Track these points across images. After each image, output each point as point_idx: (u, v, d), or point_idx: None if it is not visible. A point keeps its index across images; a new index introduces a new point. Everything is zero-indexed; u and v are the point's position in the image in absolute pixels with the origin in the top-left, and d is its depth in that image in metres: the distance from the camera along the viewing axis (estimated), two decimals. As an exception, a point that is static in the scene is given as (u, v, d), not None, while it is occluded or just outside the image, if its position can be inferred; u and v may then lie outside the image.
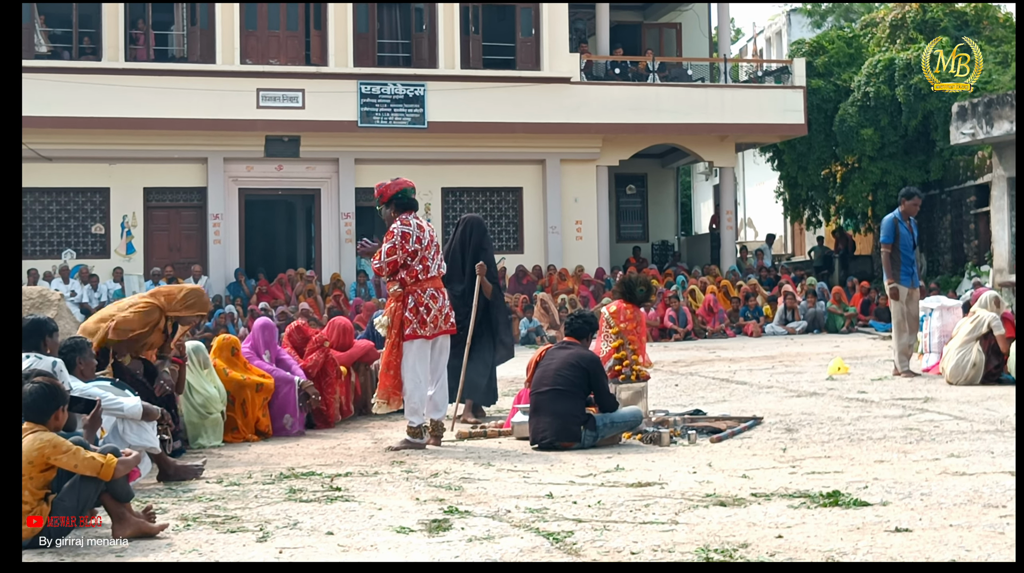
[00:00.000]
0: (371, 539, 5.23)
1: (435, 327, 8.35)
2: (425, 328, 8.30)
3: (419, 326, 8.29)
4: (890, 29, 29.87)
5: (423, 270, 8.35)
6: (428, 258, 8.36)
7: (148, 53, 24.51)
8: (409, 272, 8.34)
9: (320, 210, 25.33)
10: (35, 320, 6.79)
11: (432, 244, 8.46)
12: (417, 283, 8.34)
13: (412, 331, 8.29)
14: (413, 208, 8.56)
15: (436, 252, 8.49)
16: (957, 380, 11.22)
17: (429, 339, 8.36)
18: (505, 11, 26.53)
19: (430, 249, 8.40)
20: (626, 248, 29.64)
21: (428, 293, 8.34)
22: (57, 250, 23.99)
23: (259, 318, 10.52)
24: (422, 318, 8.29)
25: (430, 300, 8.33)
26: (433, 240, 8.51)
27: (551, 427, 8.01)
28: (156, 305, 7.90)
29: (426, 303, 8.32)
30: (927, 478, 6.34)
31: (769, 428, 8.69)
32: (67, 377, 6.51)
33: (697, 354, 17.72)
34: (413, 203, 8.58)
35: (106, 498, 5.38)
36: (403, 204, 8.49)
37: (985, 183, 24.96)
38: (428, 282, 8.36)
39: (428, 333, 8.32)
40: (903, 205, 12.59)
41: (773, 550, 4.78)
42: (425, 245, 8.36)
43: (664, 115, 26.06)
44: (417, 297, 8.31)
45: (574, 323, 8.63)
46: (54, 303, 9.59)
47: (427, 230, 8.48)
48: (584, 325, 8.62)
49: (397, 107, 24.50)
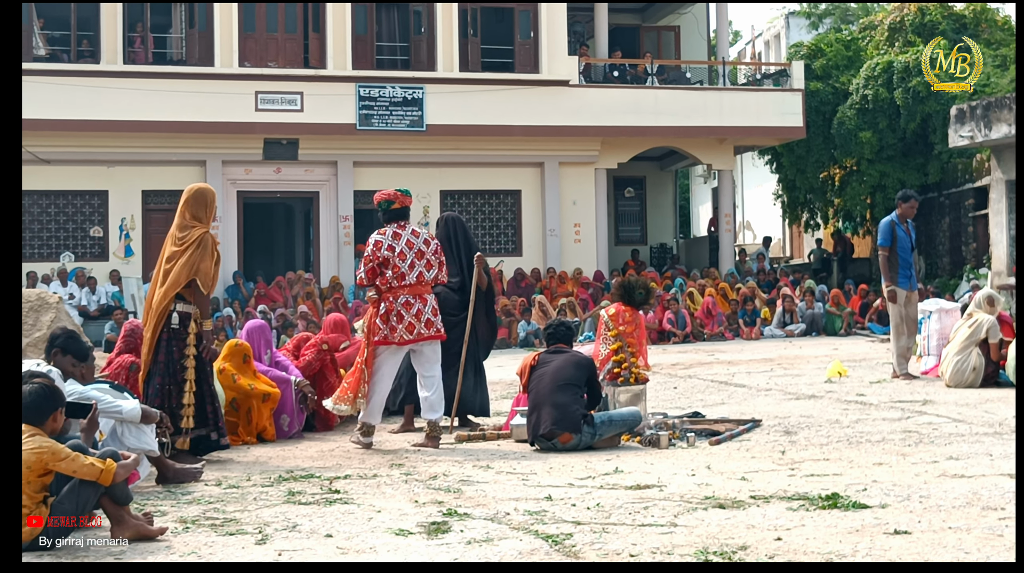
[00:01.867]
0: (370, 541, 5.23)
1: (410, 334, 8.44)
2: (394, 334, 8.42)
3: (389, 333, 8.42)
4: (888, 32, 29.93)
5: (396, 277, 8.45)
6: (402, 266, 8.44)
7: (146, 56, 24.53)
8: (381, 280, 8.48)
9: (319, 213, 25.34)
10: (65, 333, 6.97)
11: (412, 251, 8.51)
12: (390, 290, 8.45)
13: (382, 337, 8.44)
14: (401, 217, 8.65)
15: (418, 259, 8.53)
16: (957, 385, 11.23)
17: (399, 346, 8.48)
18: (504, 14, 26.55)
19: (405, 257, 8.47)
20: (624, 251, 29.66)
21: (401, 301, 8.43)
22: (55, 253, 23.99)
23: (251, 321, 10.47)
24: (392, 325, 8.42)
25: (402, 307, 8.43)
26: (414, 247, 8.53)
27: (550, 416, 8.02)
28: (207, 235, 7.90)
29: (397, 310, 8.43)
30: (926, 481, 6.34)
31: (768, 430, 8.70)
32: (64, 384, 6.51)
33: (695, 357, 17.73)
34: (398, 213, 8.66)
35: (105, 501, 5.37)
36: (389, 214, 8.63)
37: (983, 186, 24.98)
38: (403, 290, 8.45)
39: (396, 340, 8.43)
40: (900, 208, 12.60)
41: (772, 552, 4.78)
42: (398, 253, 8.45)
43: (663, 118, 26.09)
44: (389, 304, 8.44)
45: (558, 331, 8.70)
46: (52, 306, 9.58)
47: (405, 237, 8.52)
48: (567, 331, 8.74)
49: (396, 110, 24.52)
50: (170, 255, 7.85)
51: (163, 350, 7.71)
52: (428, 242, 8.66)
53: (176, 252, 7.83)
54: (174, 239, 7.92)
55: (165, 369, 7.72)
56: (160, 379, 7.70)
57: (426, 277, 8.59)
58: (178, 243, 7.88)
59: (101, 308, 22.60)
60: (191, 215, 8.02)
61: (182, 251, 7.82)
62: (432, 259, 8.63)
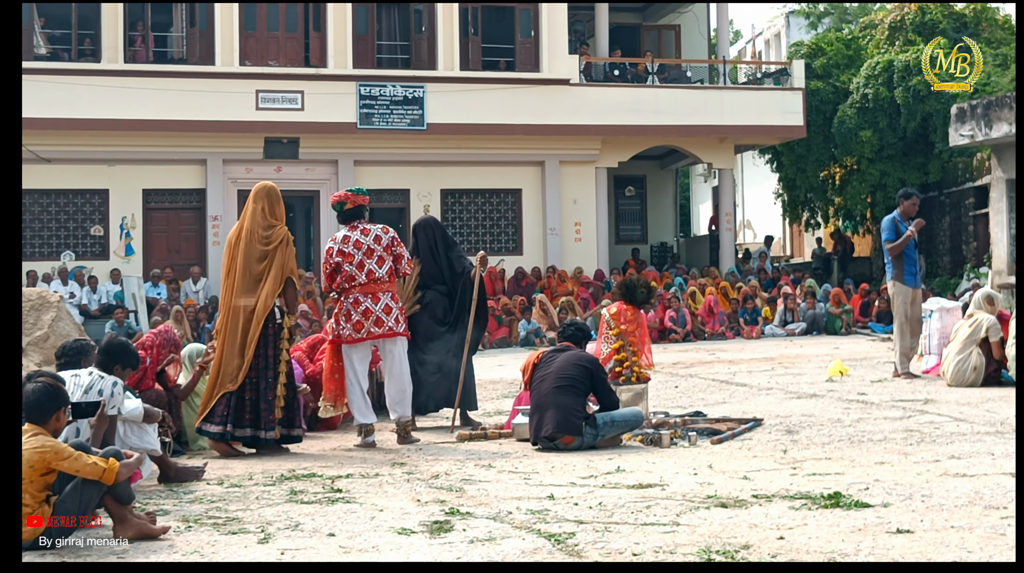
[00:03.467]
0: (372, 540, 5.23)
1: (357, 332, 8.61)
2: (344, 332, 8.64)
3: (341, 331, 8.66)
4: (889, 31, 29.92)
5: (346, 279, 8.67)
6: (350, 268, 8.63)
7: (147, 55, 24.53)
8: (335, 284, 8.77)
9: (319, 212, 25.34)
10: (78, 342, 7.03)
11: (361, 251, 8.64)
12: (344, 292, 8.70)
13: (335, 336, 8.74)
14: (355, 217, 8.82)
15: (367, 257, 8.64)
16: (958, 384, 11.22)
17: (353, 343, 8.64)
18: (504, 13, 26.54)
19: (353, 258, 8.62)
20: (625, 250, 29.65)
21: (350, 300, 8.64)
22: (56, 252, 23.98)
23: None
24: (342, 325, 8.65)
25: (351, 306, 8.63)
26: (362, 246, 8.65)
27: (552, 419, 8.02)
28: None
29: (347, 310, 8.63)
30: (928, 480, 6.34)
31: (769, 430, 8.69)
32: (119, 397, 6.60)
33: (697, 356, 17.73)
34: (351, 213, 8.83)
35: (108, 500, 5.38)
36: (343, 215, 8.85)
37: (984, 185, 24.99)
38: (353, 290, 8.64)
39: (350, 337, 8.63)
40: (902, 206, 12.58)
41: (775, 551, 4.78)
42: (347, 254, 8.64)
43: (663, 117, 26.09)
44: (340, 305, 8.70)
45: (568, 330, 8.72)
46: (53, 305, 9.57)
47: (354, 238, 8.68)
48: (578, 332, 8.71)
49: (396, 109, 24.52)
50: (260, 254, 8.20)
51: (271, 345, 8.16)
52: (379, 238, 8.72)
53: (266, 251, 8.19)
54: (260, 238, 8.25)
55: (266, 364, 8.14)
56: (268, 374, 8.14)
57: (377, 274, 8.66)
58: (265, 242, 8.22)
59: (102, 307, 22.59)
60: (270, 213, 8.32)
61: (273, 250, 8.20)
62: (384, 255, 8.70)
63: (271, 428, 8.14)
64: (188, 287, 23.73)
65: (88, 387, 6.43)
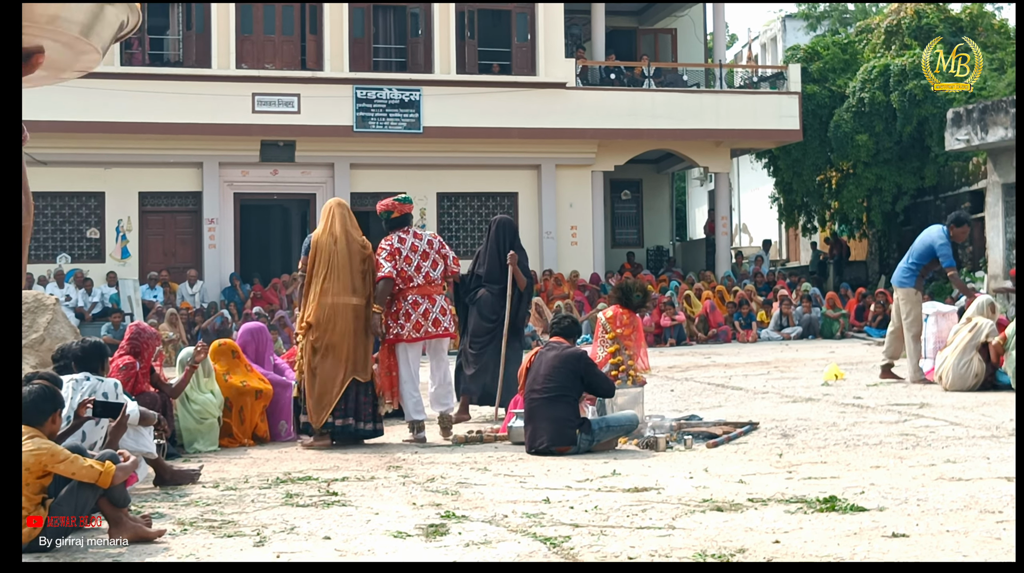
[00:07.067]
0: (368, 543, 5.23)
1: (417, 332, 8.98)
2: (403, 331, 8.96)
3: (400, 330, 8.97)
4: (885, 35, 29.95)
5: (404, 280, 8.94)
6: (408, 269, 8.97)
7: (144, 57, 24.52)
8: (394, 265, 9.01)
9: (315, 215, 25.27)
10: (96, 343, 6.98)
11: (417, 254, 9.02)
12: (400, 292, 8.98)
13: (393, 335, 9.01)
14: (403, 225, 9.15)
15: (423, 260, 9.03)
16: (958, 389, 11.20)
17: (412, 342, 8.99)
18: (501, 16, 26.55)
19: (411, 261, 8.99)
20: (621, 253, 29.67)
21: (409, 300, 8.97)
22: (52, 254, 23.95)
23: (248, 323, 10.46)
24: (401, 323, 8.96)
25: (411, 307, 8.96)
26: (418, 250, 9.04)
27: (546, 433, 8.02)
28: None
29: (406, 310, 8.96)
30: (923, 484, 6.35)
31: (765, 433, 8.70)
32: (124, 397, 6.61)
33: (692, 360, 17.73)
34: (398, 221, 9.15)
35: (103, 503, 5.37)
36: (391, 223, 9.15)
37: (980, 189, 25.00)
38: (410, 291, 8.97)
39: (409, 336, 8.96)
40: (952, 231, 12.63)
41: (770, 555, 4.78)
42: (404, 257, 8.97)
43: (659, 120, 26.11)
44: (399, 304, 8.99)
45: (562, 323, 8.69)
46: (49, 307, 9.55)
47: (409, 242, 9.03)
48: (572, 325, 8.73)
49: (393, 112, 24.52)
50: (362, 257, 8.86)
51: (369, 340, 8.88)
52: (431, 242, 9.18)
53: (366, 256, 8.90)
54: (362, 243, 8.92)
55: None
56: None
57: (432, 276, 9.09)
58: (363, 248, 8.92)
59: (98, 310, 22.57)
60: (351, 223, 8.97)
61: (370, 256, 8.93)
62: (437, 258, 9.14)
63: (368, 420, 8.76)
64: (184, 290, 23.72)
65: (91, 391, 6.45)
